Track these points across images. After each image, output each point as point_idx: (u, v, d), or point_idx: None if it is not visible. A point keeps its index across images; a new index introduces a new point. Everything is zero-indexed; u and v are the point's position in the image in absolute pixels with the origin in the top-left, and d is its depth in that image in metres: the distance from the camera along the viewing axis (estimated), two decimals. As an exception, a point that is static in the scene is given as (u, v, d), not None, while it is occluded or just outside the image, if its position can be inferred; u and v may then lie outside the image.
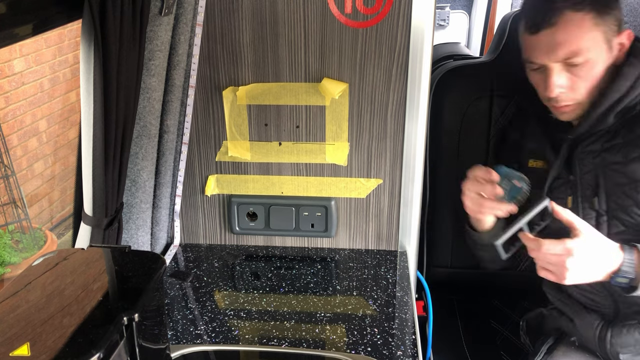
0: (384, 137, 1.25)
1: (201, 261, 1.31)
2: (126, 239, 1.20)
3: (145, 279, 0.72)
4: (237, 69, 1.22)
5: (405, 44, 1.17)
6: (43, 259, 0.74)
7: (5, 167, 2.82)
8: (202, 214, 1.36)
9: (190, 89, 1.22)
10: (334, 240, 1.36)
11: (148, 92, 1.11)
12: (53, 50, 3.27)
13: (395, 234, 1.34)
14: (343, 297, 1.18)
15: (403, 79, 1.20)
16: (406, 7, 1.14)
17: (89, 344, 0.59)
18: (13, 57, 2.96)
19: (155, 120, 1.16)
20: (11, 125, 2.99)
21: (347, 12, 1.15)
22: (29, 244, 2.88)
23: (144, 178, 1.19)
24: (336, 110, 1.23)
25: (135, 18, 0.91)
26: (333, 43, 1.18)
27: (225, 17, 1.18)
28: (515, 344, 1.51)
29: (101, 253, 0.78)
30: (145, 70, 1.09)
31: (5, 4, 0.70)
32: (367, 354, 1.01)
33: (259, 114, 1.25)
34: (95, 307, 0.65)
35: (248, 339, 1.05)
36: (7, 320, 0.62)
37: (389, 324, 1.09)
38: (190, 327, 1.08)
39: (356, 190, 1.30)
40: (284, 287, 1.21)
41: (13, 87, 2.98)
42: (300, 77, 1.21)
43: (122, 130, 0.95)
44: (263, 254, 1.35)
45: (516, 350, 1.49)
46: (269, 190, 1.32)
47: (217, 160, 1.31)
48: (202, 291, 1.20)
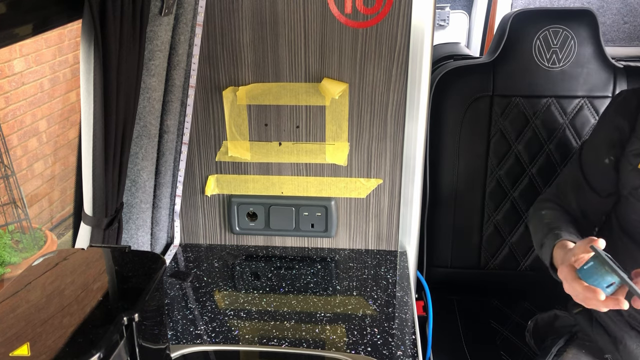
0: (384, 137, 1.25)
1: (201, 261, 1.31)
2: (126, 239, 1.20)
3: (145, 279, 0.72)
4: (237, 69, 1.22)
5: (405, 44, 1.17)
6: (43, 259, 0.74)
7: (5, 167, 2.82)
8: (202, 214, 1.36)
9: (190, 89, 1.22)
10: (334, 240, 1.36)
11: (148, 92, 1.11)
12: (53, 51, 3.27)
13: (395, 234, 1.34)
14: (343, 297, 1.18)
15: (403, 79, 1.20)
16: (406, 7, 1.14)
17: (89, 344, 0.59)
18: (13, 57, 2.96)
19: (155, 120, 1.16)
20: (11, 125, 2.99)
21: (347, 12, 1.15)
22: (29, 244, 2.87)
23: (144, 178, 1.19)
24: (336, 110, 1.23)
25: (135, 18, 0.91)
26: (333, 43, 1.18)
27: (225, 17, 1.18)
28: (515, 344, 1.51)
29: (101, 253, 0.78)
30: (145, 70, 1.09)
31: (5, 4, 0.70)
32: (367, 354, 1.01)
33: (259, 114, 1.25)
34: (95, 307, 0.65)
35: (248, 339, 1.05)
36: (7, 320, 0.62)
37: (389, 324, 1.09)
38: (190, 327, 1.08)
39: (356, 190, 1.30)
40: (284, 287, 1.21)
41: (13, 87, 2.98)
42: (300, 77, 1.21)
43: (122, 130, 0.95)
44: (263, 254, 1.35)
45: (516, 350, 1.49)
46: (269, 190, 1.32)
47: (217, 160, 1.31)
48: (202, 291, 1.20)
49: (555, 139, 1.61)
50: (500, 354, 1.48)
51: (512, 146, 1.60)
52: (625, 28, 2.51)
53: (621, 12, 2.51)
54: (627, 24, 1.62)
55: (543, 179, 1.63)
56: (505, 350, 1.49)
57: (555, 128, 1.60)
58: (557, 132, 1.60)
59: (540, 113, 1.59)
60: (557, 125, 1.60)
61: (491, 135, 1.59)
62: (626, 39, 2.53)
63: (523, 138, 1.60)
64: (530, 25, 1.57)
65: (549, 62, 1.57)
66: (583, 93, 1.58)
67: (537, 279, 1.67)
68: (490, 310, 1.64)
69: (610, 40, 2.53)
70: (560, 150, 1.61)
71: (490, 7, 3.34)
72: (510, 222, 1.65)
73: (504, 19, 1.61)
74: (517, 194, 1.63)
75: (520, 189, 1.63)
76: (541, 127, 1.59)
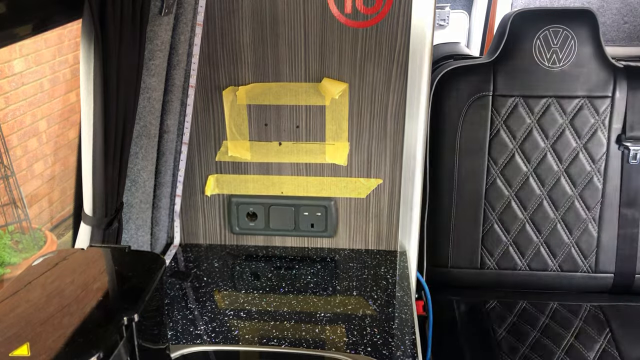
0: (384, 137, 1.25)
1: (201, 261, 1.31)
2: (126, 239, 1.20)
3: (145, 279, 0.72)
4: (237, 69, 1.22)
5: (405, 44, 1.17)
6: (43, 259, 0.74)
7: (5, 167, 2.82)
8: (202, 214, 1.36)
9: (190, 89, 1.22)
10: (333, 240, 1.36)
11: (148, 92, 1.11)
12: (53, 51, 3.27)
13: (395, 234, 1.34)
14: (343, 297, 1.18)
15: (403, 79, 1.20)
16: (406, 7, 1.14)
17: (89, 344, 0.59)
18: (13, 58, 2.96)
19: (155, 120, 1.16)
20: (11, 125, 2.99)
21: (347, 12, 1.15)
22: (28, 245, 2.87)
23: (144, 178, 1.19)
24: (336, 110, 1.23)
25: (135, 18, 0.91)
26: (333, 43, 1.18)
27: (225, 17, 1.18)
28: (515, 344, 1.51)
29: (101, 253, 0.78)
30: (145, 70, 1.09)
31: (5, 4, 0.70)
32: (367, 354, 1.01)
33: (259, 114, 1.25)
34: (95, 307, 0.65)
35: (248, 339, 1.05)
36: (7, 320, 0.62)
37: (389, 324, 1.09)
38: (190, 327, 1.08)
39: (356, 190, 1.30)
40: (284, 287, 1.21)
41: (13, 88, 2.98)
42: (300, 77, 1.21)
43: (122, 130, 0.95)
44: (263, 254, 1.35)
45: (516, 351, 1.49)
46: (269, 190, 1.32)
47: (217, 160, 1.31)
48: (202, 291, 1.20)
49: (555, 139, 1.61)
50: (501, 354, 1.48)
51: (512, 146, 1.61)
52: (625, 28, 2.51)
53: (621, 12, 2.50)
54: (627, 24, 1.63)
55: (543, 179, 1.63)
56: (505, 350, 1.49)
57: (555, 128, 1.60)
58: (557, 132, 1.60)
59: (540, 113, 1.59)
60: (557, 125, 1.60)
61: (491, 135, 1.59)
62: (626, 39, 2.53)
63: (523, 138, 1.60)
64: (530, 25, 1.57)
65: (549, 62, 1.57)
66: (583, 93, 1.59)
67: (537, 279, 1.68)
68: (490, 310, 1.65)
69: (610, 40, 2.53)
70: (560, 150, 1.61)
71: (490, 7, 3.34)
72: (511, 222, 1.65)
73: (504, 19, 1.61)
74: (517, 194, 1.63)
75: (520, 189, 1.63)
76: (541, 127, 1.59)
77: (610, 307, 1.61)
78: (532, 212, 1.65)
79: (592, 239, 1.65)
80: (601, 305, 1.62)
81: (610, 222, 1.64)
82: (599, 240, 1.65)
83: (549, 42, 1.55)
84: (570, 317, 1.57)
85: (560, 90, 1.58)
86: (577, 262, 1.66)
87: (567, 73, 1.57)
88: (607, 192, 1.62)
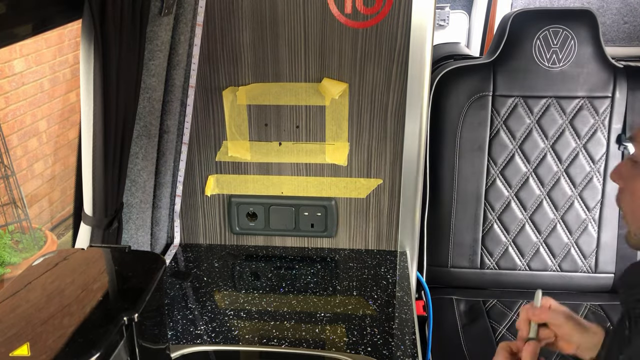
0: (384, 137, 1.25)
1: (201, 261, 1.31)
2: (126, 239, 1.20)
3: (145, 279, 0.72)
4: (237, 69, 1.22)
5: (405, 44, 1.17)
6: (43, 259, 0.74)
7: (5, 167, 2.82)
8: (202, 214, 1.36)
9: (190, 89, 1.22)
10: (334, 240, 1.36)
11: (148, 92, 1.11)
12: (53, 51, 3.27)
13: (395, 234, 1.34)
14: (343, 297, 1.18)
15: (403, 79, 1.20)
16: (406, 7, 1.14)
17: (89, 344, 0.59)
18: (13, 58, 2.96)
19: (155, 120, 1.16)
20: (11, 125, 2.99)
21: (347, 12, 1.15)
22: (29, 244, 2.87)
23: (144, 178, 1.19)
24: (336, 110, 1.23)
25: (135, 18, 0.91)
26: (333, 43, 1.18)
27: (225, 17, 1.18)
28: (515, 344, 1.51)
29: (101, 253, 0.78)
30: (145, 70, 1.09)
31: (5, 4, 0.70)
32: (367, 354, 1.01)
33: (259, 114, 1.25)
34: (95, 307, 0.65)
35: (248, 339, 1.05)
36: (7, 320, 0.62)
37: (389, 324, 1.09)
38: (190, 327, 1.08)
39: (356, 190, 1.30)
40: (284, 287, 1.21)
41: (13, 88, 2.98)
42: (300, 77, 1.21)
43: (122, 130, 0.95)
44: (263, 254, 1.35)
45: (516, 350, 1.49)
46: (268, 190, 1.32)
47: (217, 160, 1.31)
48: (202, 291, 1.20)
49: (555, 139, 1.61)
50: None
51: (512, 146, 1.61)
52: (625, 28, 2.51)
53: (621, 12, 2.51)
54: (627, 24, 1.63)
55: (543, 179, 1.63)
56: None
57: (555, 128, 1.60)
58: (557, 132, 1.60)
59: (540, 113, 1.59)
60: (557, 125, 1.60)
61: (491, 136, 1.59)
62: (626, 39, 2.53)
63: (523, 138, 1.60)
64: (530, 25, 1.57)
65: (549, 62, 1.57)
66: (583, 93, 1.59)
67: (537, 279, 1.68)
68: (489, 310, 1.65)
69: (610, 40, 2.53)
70: (560, 150, 1.61)
71: (490, 7, 3.34)
72: (511, 222, 1.65)
73: (504, 19, 1.61)
74: (517, 194, 1.63)
75: (520, 189, 1.63)
76: (541, 127, 1.59)
77: (610, 306, 1.61)
78: (532, 212, 1.65)
79: (592, 239, 1.65)
80: (601, 305, 1.62)
81: (610, 223, 1.64)
82: (598, 241, 1.65)
83: (549, 42, 1.56)
84: (570, 317, 1.57)
85: (560, 90, 1.58)
86: (577, 262, 1.66)
87: (567, 73, 1.57)
88: (607, 192, 1.62)
